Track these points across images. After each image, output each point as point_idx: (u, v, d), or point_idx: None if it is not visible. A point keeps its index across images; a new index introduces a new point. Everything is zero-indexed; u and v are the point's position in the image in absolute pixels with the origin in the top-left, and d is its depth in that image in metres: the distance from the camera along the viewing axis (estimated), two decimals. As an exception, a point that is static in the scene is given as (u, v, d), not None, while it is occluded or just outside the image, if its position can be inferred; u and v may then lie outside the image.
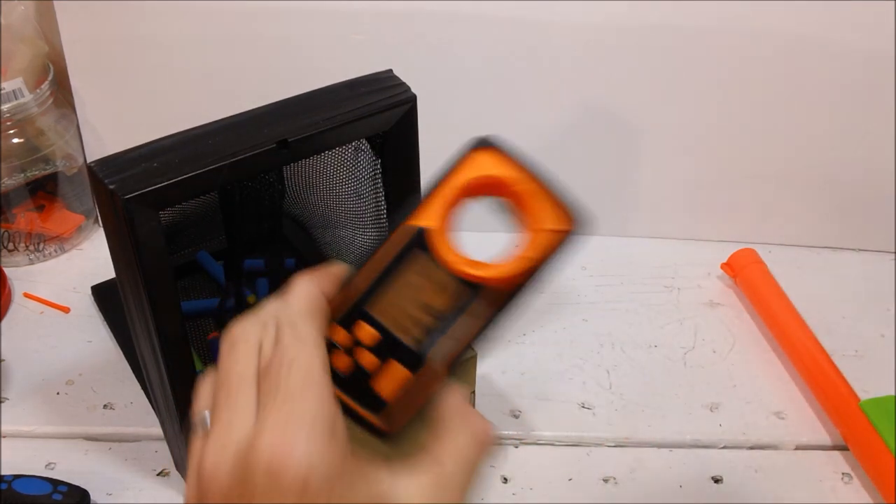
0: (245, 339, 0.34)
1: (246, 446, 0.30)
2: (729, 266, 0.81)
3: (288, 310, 0.34)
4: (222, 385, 0.33)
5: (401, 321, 0.35)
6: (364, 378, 0.35)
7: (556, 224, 0.35)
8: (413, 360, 0.35)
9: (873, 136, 0.79)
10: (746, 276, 0.79)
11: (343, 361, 0.35)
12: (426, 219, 0.35)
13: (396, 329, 0.35)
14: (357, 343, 0.35)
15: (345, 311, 0.36)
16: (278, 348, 0.32)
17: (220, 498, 0.30)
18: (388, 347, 0.35)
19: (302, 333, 0.33)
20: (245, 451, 0.30)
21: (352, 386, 0.35)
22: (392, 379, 0.34)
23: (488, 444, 0.35)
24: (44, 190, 0.80)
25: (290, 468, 0.29)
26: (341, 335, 0.35)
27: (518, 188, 0.35)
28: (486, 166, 0.36)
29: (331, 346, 0.35)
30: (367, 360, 0.35)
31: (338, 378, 0.34)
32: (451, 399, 0.35)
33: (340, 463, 0.30)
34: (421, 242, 0.35)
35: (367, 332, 0.35)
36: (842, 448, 0.67)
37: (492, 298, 0.35)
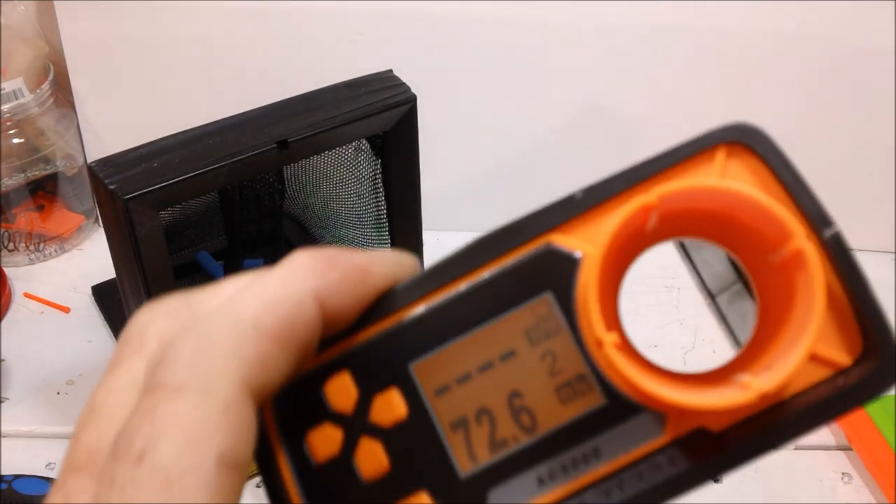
0: (121, 365, 0.20)
1: None
2: (729, 266, 0.81)
3: (210, 323, 0.18)
4: (72, 455, 0.19)
5: (463, 415, 0.19)
6: (345, 485, 0.19)
7: (842, 347, 0.19)
8: (456, 496, 0.19)
9: (873, 135, 0.79)
10: (746, 275, 0.79)
11: (325, 440, 0.19)
12: (584, 239, 0.20)
13: (450, 428, 0.19)
14: (363, 420, 0.19)
15: (366, 351, 0.20)
16: (143, 410, 0.17)
17: None
18: (422, 456, 0.19)
19: (208, 382, 0.17)
20: None
21: (312, 485, 0.19)
22: None
23: None
24: (44, 190, 0.80)
25: None
26: (341, 389, 0.19)
27: (783, 251, 0.18)
28: (727, 188, 0.19)
29: (306, 399, 0.19)
30: (371, 458, 0.19)
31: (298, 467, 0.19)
32: None
33: None
34: (557, 280, 0.19)
35: (393, 407, 0.19)
36: (842, 448, 0.67)
37: (673, 443, 0.18)
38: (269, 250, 0.65)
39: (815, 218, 0.20)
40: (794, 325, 0.18)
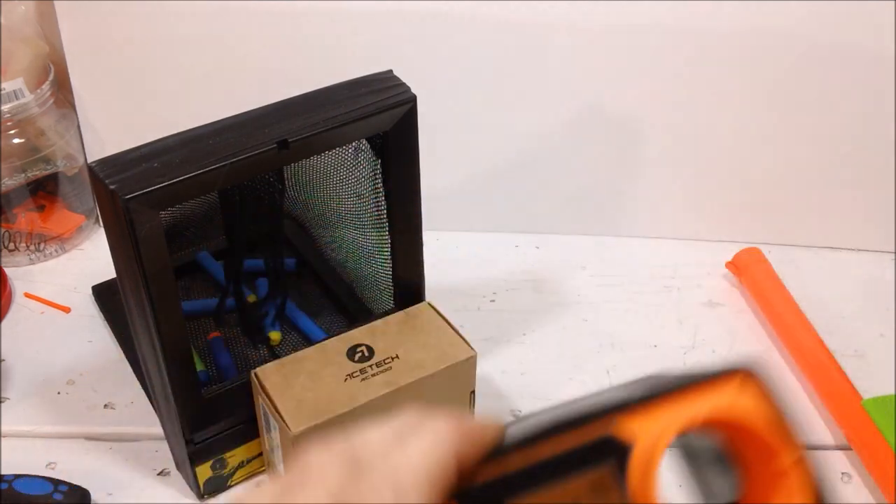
0: (322, 479, 0.26)
1: None
2: (734, 265, 0.81)
3: (401, 470, 0.26)
4: None
5: None
6: None
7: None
8: None
9: (873, 136, 0.79)
10: (751, 274, 0.79)
11: None
12: (641, 431, 0.25)
13: None
14: None
15: (478, 491, 0.26)
16: None
17: None
18: None
19: None
20: None
21: None
22: None
23: None
24: (44, 190, 0.80)
25: None
26: None
27: (770, 454, 0.27)
28: (740, 404, 0.27)
29: None
30: None
31: None
32: None
33: None
34: (620, 459, 0.25)
35: None
36: (841, 447, 0.67)
37: None
38: (269, 250, 0.65)
39: (787, 425, 0.28)
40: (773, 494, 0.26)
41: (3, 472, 0.60)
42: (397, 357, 0.57)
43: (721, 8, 0.73)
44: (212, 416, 0.56)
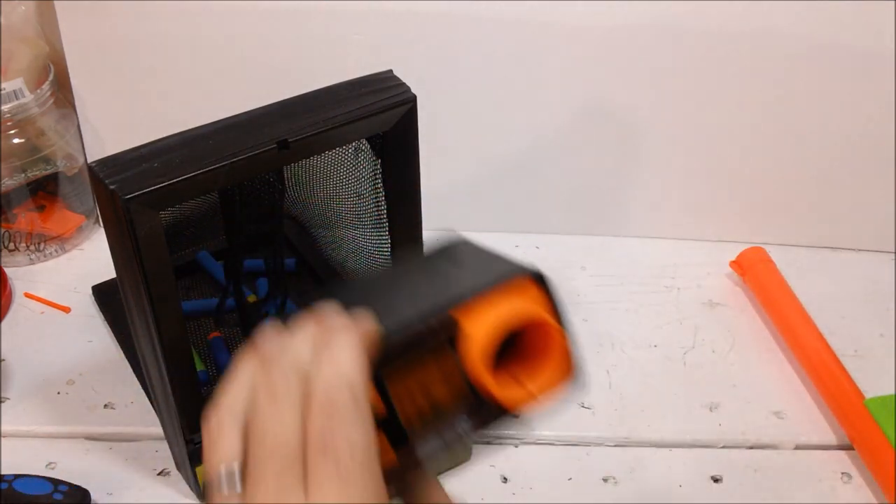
0: (288, 392, 0.31)
1: None
2: (738, 264, 0.81)
3: (344, 377, 0.31)
4: (262, 445, 0.30)
5: (405, 400, 0.34)
6: None
7: (563, 374, 0.36)
8: (400, 441, 0.34)
9: (873, 136, 0.79)
10: (755, 274, 0.79)
11: None
12: (469, 320, 0.35)
13: (399, 405, 0.34)
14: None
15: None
16: (335, 423, 0.30)
17: None
18: (385, 419, 0.34)
19: (363, 412, 0.31)
20: None
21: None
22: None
23: None
24: (44, 190, 0.80)
25: None
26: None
27: (551, 333, 0.36)
28: (536, 304, 0.36)
29: None
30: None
31: None
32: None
33: None
34: (453, 337, 0.35)
35: (373, 396, 0.33)
36: (843, 447, 0.67)
37: (492, 414, 0.35)
38: (269, 250, 0.65)
39: (562, 315, 0.37)
40: (545, 362, 0.36)
41: (3, 472, 0.60)
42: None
43: (721, 8, 0.73)
44: (212, 416, 0.56)
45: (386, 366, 0.33)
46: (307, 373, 0.31)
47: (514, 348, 0.36)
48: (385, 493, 0.31)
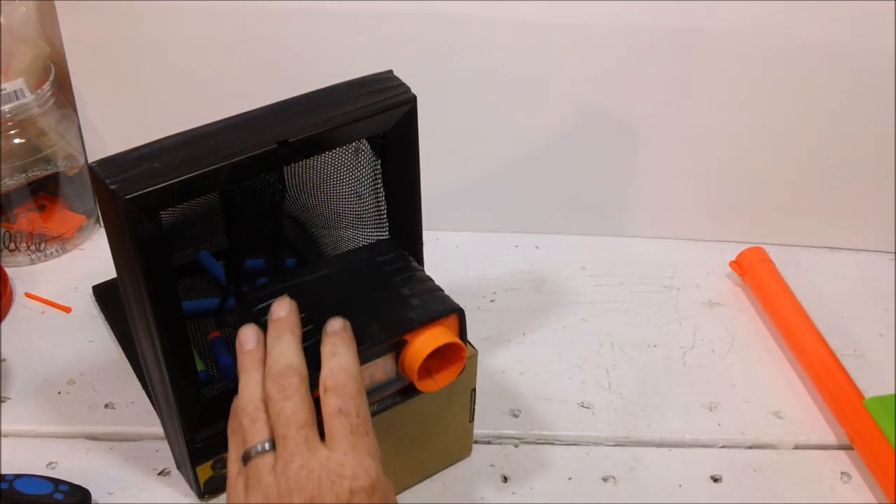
0: (302, 377, 0.46)
1: (331, 470, 0.42)
2: (737, 264, 0.81)
3: (350, 362, 0.46)
4: (291, 423, 0.44)
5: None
6: None
7: (458, 370, 0.53)
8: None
9: (873, 136, 0.79)
10: (755, 274, 0.79)
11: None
12: (414, 341, 0.50)
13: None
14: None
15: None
16: (343, 397, 0.45)
17: (307, 500, 0.41)
18: None
19: (363, 393, 0.46)
20: (332, 472, 0.42)
21: None
22: None
23: None
24: (45, 190, 0.80)
25: (369, 486, 0.43)
26: None
27: (457, 349, 0.52)
28: (452, 332, 0.52)
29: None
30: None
31: None
32: None
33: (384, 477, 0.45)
34: (398, 350, 0.51)
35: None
36: (842, 447, 0.67)
37: (408, 391, 0.54)
38: (270, 250, 0.65)
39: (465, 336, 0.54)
40: (447, 364, 0.53)
41: (4, 472, 0.60)
42: (397, 357, 0.57)
43: (721, 8, 0.73)
44: (212, 416, 0.56)
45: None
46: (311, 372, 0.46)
47: (434, 352, 0.51)
48: (377, 449, 0.45)
